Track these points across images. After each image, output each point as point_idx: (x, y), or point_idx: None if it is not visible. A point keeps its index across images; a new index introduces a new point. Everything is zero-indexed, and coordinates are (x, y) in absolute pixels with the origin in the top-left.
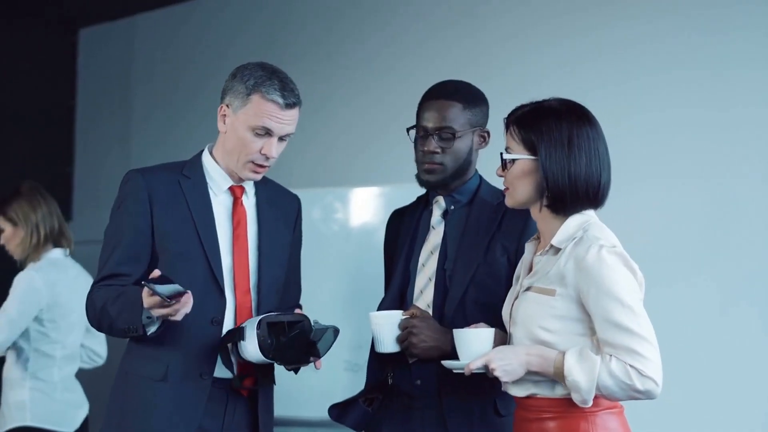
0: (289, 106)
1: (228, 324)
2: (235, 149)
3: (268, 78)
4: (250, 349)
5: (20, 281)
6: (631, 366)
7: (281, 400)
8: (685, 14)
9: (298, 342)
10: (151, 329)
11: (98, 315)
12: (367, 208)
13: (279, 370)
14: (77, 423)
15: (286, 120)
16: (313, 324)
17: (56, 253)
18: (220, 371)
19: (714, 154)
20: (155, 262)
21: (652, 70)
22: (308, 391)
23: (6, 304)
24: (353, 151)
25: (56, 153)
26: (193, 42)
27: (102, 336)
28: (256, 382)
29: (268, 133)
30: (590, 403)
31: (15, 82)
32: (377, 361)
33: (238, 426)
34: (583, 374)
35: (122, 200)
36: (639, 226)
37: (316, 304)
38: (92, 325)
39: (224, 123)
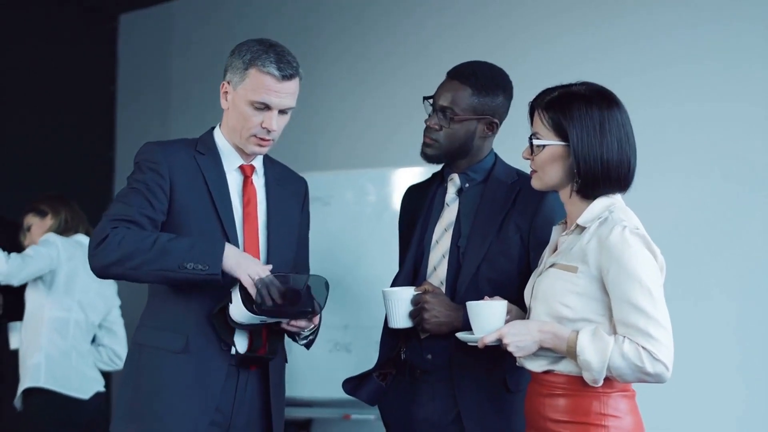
0: (285, 78)
1: None
2: (237, 125)
3: (265, 52)
4: (237, 309)
5: (42, 238)
6: (643, 348)
7: (316, 381)
8: (690, 6)
9: (287, 297)
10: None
11: (133, 249)
12: (401, 189)
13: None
14: (90, 393)
15: (283, 93)
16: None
17: (83, 238)
18: (237, 346)
19: (720, 151)
20: (168, 232)
21: (656, 65)
22: (343, 371)
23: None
24: (387, 132)
25: (98, 138)
26: (230, 26)
27: (123, 338)
28: (264, 354)
29: (267, 107)
30: (601, 383)
31: (57, 70)
32: (390, 336)
33: (251, 402)
34: (595, 354)
35: (143, 167)
36: (646, 223)
37: (350, 285)
38: (102, 260)
39: (226, 100)
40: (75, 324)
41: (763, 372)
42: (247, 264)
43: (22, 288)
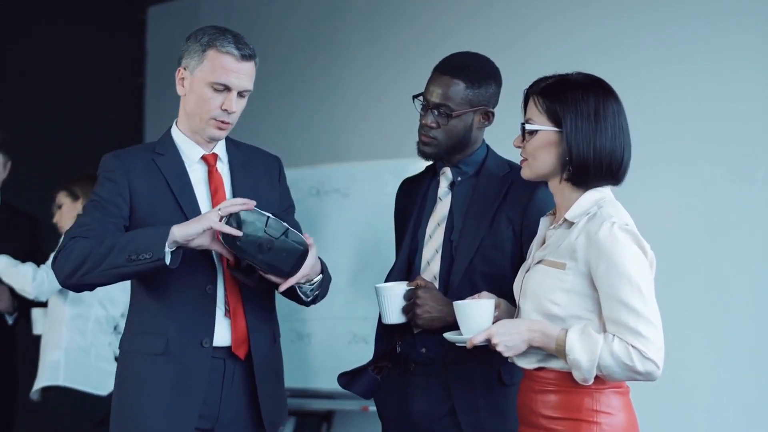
0: (244, 57)
1: (220, 293)
2: (196, 109)
3: (222, 34)
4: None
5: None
6: (633, 347)
7: (336, 374)
8: (685, 4)
9: (267, 249)
10: (169, 259)
11: (84, 256)
12: None
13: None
14: (108, 389)
15: (242, 73)
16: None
17: None
18: (218, 340)
19: (718, 150)
20: None
21: (653, 63)
22: (362, 363)
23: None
24: (406, 124)
25: (126, 130)
26: (256, 19)
27: None
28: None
29: (226, 88)
30: (591, 382)
31: (85, 62)
32: (385, 331)
33: (237, 393)
34: (584, 353)
35: (101, 179)
36: (643, 224)
37: (368, 277)
38: (61, 274)
39: (183, 86)
40: (95, 321)
41: (756, 372)
42: (204, 218)
43: None
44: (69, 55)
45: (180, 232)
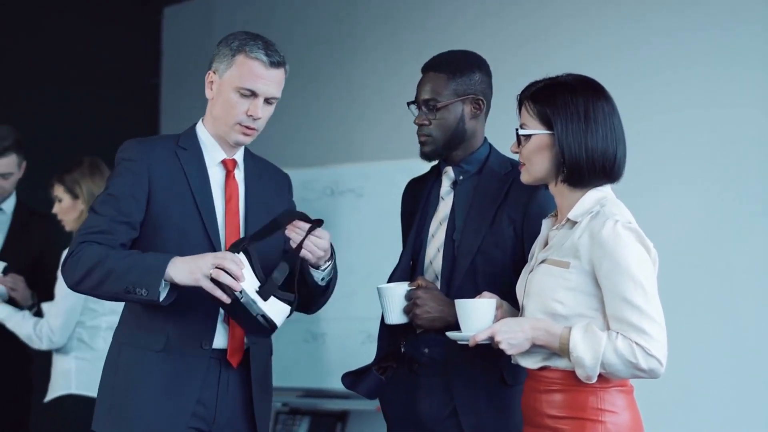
0: (273, 65)
1: None
2: (222, 113)
3: (252, 39)
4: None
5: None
6: (637, 344)
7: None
8: (683, 11)
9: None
10: (163, 296)
11: (88, 269)
12: None
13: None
14: None
15: (270, 80)
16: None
17: None
18: (217, 342)
19: (717, 157)
20: (147, 231)
21: (652, 70)
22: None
23: (59, 290)
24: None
25: (142, 130)
26: (271, 18)
27: None
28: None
29: (253, 93)
30: (594, 380)
31: (101, 62)
32: (388, 331)
33: (233, 397)
34: (588, 351)
35: (120, 168)
36: (647, 224)
37: (382, 277)
38: (69, 280)
39: (211, 89)
40: (106, 329)
41: (757, 372)
42: (198, 267)
43: (52, 278)
44: (84, 55)
45: (173, 273)
